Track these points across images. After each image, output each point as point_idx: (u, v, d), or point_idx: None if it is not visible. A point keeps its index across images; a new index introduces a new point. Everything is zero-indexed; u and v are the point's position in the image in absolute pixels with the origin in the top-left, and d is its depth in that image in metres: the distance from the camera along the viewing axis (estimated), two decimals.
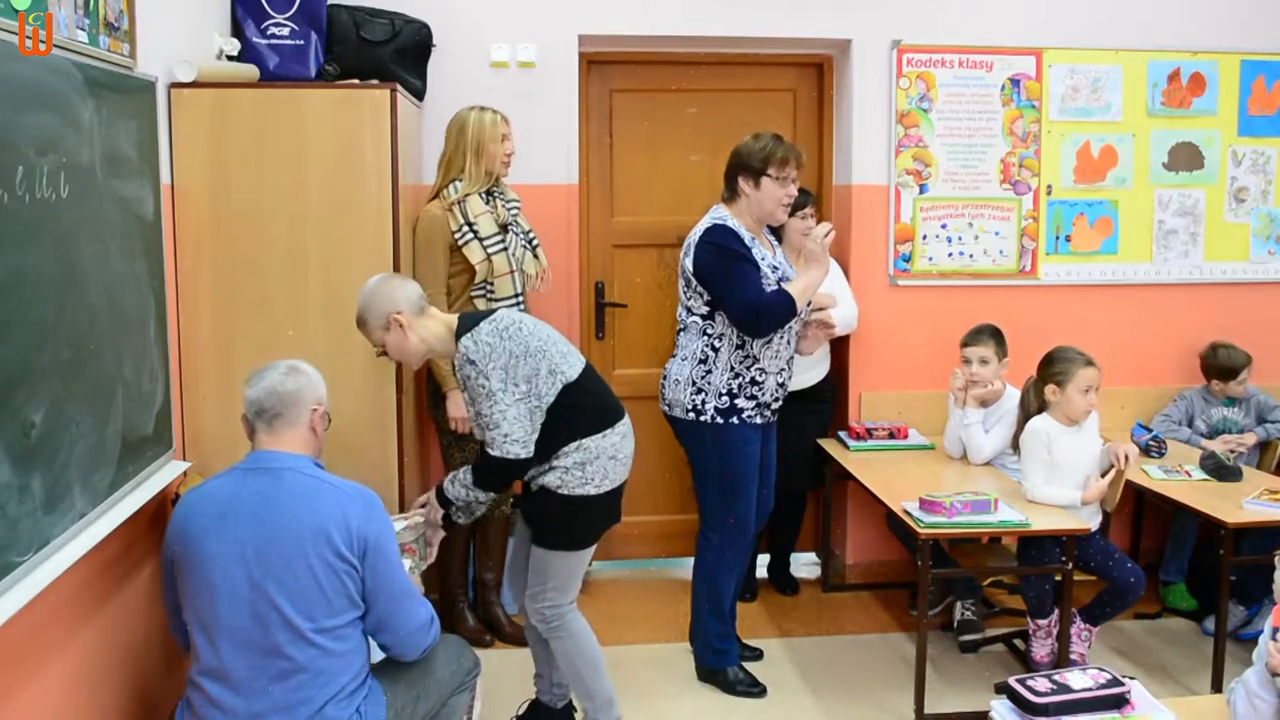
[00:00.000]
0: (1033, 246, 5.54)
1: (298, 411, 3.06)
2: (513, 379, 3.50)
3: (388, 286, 3.57)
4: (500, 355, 3.49)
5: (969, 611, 4.90)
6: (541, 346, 3.57)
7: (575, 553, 3.75)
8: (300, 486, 2.94)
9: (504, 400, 3.48)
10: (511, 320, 3.59)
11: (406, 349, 3.56)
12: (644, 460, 5.49)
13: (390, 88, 4.09)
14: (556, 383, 3.56)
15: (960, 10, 5.39)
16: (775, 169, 4.19)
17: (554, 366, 3.56)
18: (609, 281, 5.60)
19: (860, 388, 5.49)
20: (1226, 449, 5.13)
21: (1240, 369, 5.37)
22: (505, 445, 3.49)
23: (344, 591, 2.88)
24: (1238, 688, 2.66)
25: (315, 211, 3.99)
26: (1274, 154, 5.72)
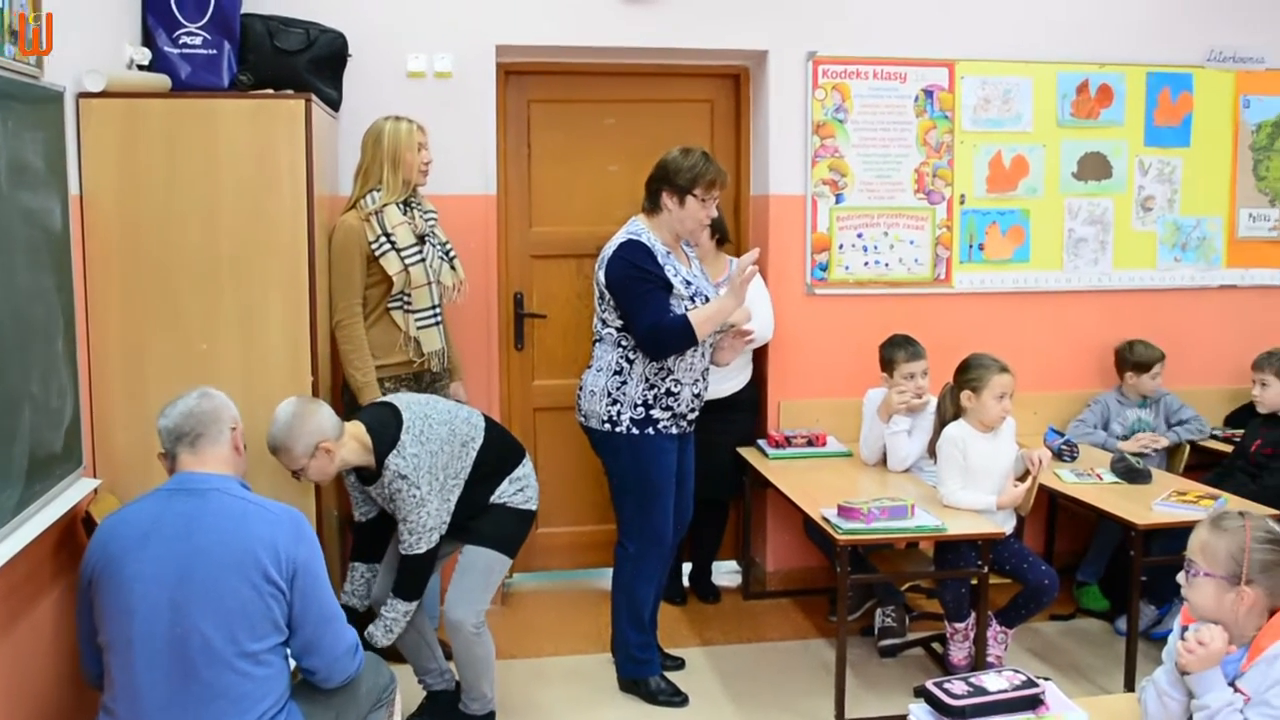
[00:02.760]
0: (947, 255, 5.61)
1: (218, 429, 3.02)
2: (436, 476, 3.71)
3: (310, 414, 3.61)
4: (425, 460, 3.68)
5: (889, 616, 4.95)
6: (450, 430, 3.80)
7: (510, 560, 4.00)
8: (226, 508, 2.89)
9: (430, 501, 3.70)
10: (420, 417, 3.75)
11: (329, 470, 3.65)
12: (561, 471, 5.53)
13: (305, 98, 4.05)
14: (470, 452, 3.85)
15: (874, 22, 5.46)
16: (702, 190, 4.19)
17: (464, 440, 3.84)
18: (528, 292, 5.59)
19: (779, 396, 5.52)
20: (1140, 446, 5.25)
21: (1154, 363, 5.51)
22: (428, 538, 3.73)
23: (269, 615, 2.83)
24: (1148, 686, 2.71)
25: (228, 223, 3.93)
26: (1179, 163, 5.85)
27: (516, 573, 5.71)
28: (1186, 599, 2.64)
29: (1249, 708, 2.47)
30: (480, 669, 4.00)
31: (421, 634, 4.10)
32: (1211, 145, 5.89)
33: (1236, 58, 5.87)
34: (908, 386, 4.92)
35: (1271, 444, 5.09)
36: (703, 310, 4.18)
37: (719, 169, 4.24)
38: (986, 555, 4.24)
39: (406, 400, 3.85)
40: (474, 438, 3.87)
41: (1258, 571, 2.53)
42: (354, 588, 3.99)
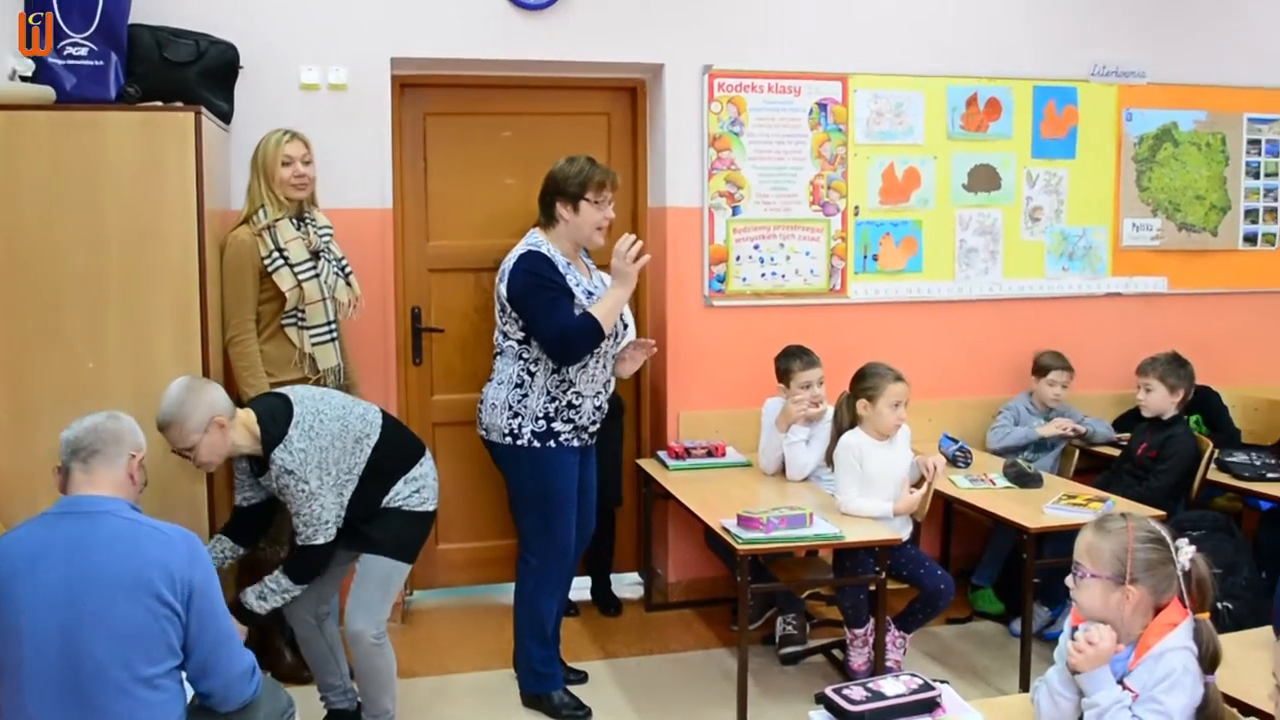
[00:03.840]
0: (842, 266, 5.68)
1: (117, 451, 2.95)
2: (327, 471, 3.66)
3: (205, 388, 3.58)
4: (314, 455, 3.63)
5: (790, 624, 4.99)
6: (343, 426, 3.74)
7: (409, 566, 3.96)
8: (117, 530, 2.82)
9: (322, 495, 3.65)
10: (311, 412, 3.70)
11: (221, 450, 3.59)
12: (462, 485, 5.50)
13: (195, 110, 3.99)
14: (364, 449, 3.78)
15: (769, 36, 5.52)
16: (593, 193, 4.20)
17: (358, 436, 3.78)
18: (425, 307, 5.55)
19: (678, 407, 5.55)
20: (1061, 430, 5.38)
21: (1050, 369, 5.67)
22: (324, 531, 3.69)
23: (164, 639, 2.76)
24: (1041, 686, 2.76)
25: (116, 238, 3.85)
26: (1065, 175, 6.00)
27: (417, 589, 5.66)
28: (1075, 600, 2.70)
29: (1137, 704, 2.53)
30: (382, 682, 3.96)
31: (331, 646, 4.06)
32: (1096, 157, 6.05)
33: (1119, 72, 6.03)
34: (804, 396, 4.97)
35: (1156, 447, 5.23)
36: (601, 303, 4.19)
37: (607, 170, 4.26)
38: (884, 561, 4.30)
39: (301, 393, 3.79)
40: (368, 434, 3.81)
41: (1141, 571, 2.60)
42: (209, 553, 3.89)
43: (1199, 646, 2.57)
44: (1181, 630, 2.58)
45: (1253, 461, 5.20)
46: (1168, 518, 4.57)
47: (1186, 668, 2.54)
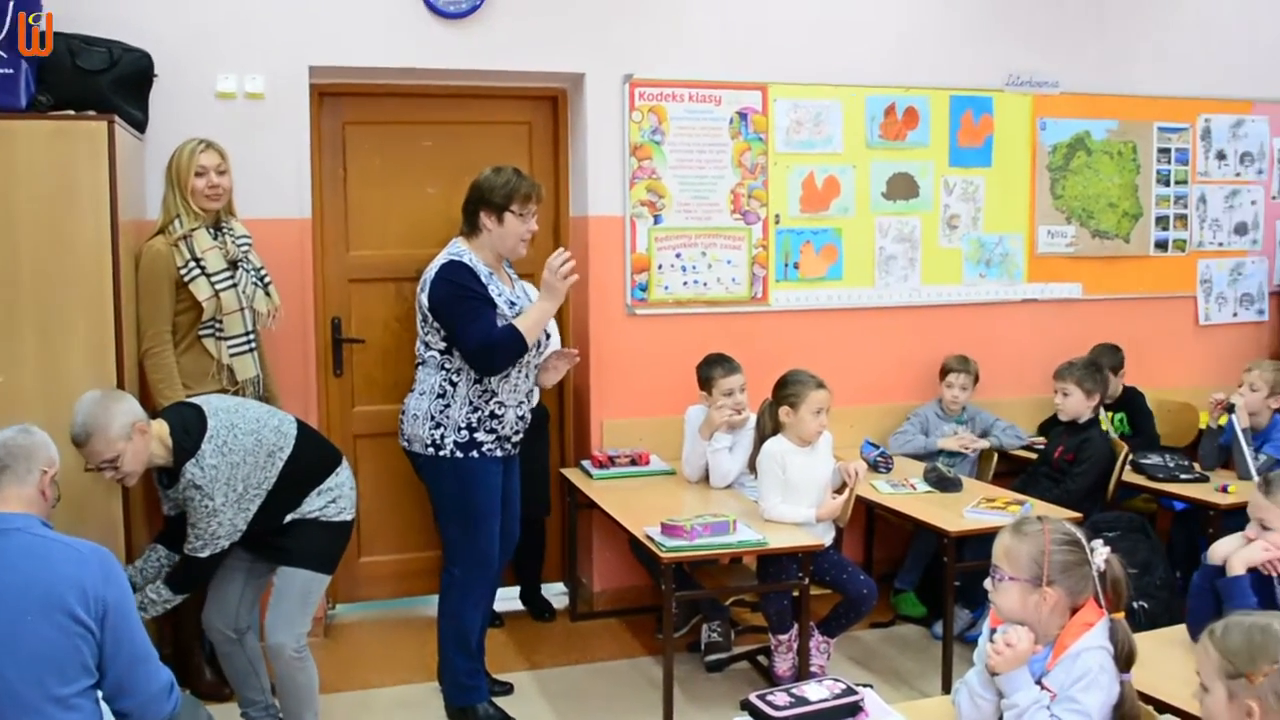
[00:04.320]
0: (763, 274, 5.72)
1: (28, 467, 2.88)
2: (234, 488, 3.62)
3: (120, 397, 3.58)
4: (224, 471, 3.59)
5: (715, 632, 5.00)
6: (257, 440, 3.70)
7: (328, 577, 3.92)
8: (28, 547, 2.76)
9: (223, 512, 3.62)
10: (225, 426, 3.65)
11: (144, 458, 3.56)
12: (385, 497, 5.46)
13: (108, 119, 3.94)
14: (276, 463, 3.74)
15: (689, 46, 5.54)
16: (518, 205, 4.18)
17: (271, 450, 3.73)
18: (346, 317, 5.50)
19: (602, 416, 5.54)
20: (960, 445, 5.44)
21: (949, 371, 5.76)
22: (214, 545, 3.65)
23: (78, 658, 2.70)
24: (961, 688, 2.79)
25: (27, 249, 3.78)
26: (982, 183, 6.09)
27: (340, 603, 5.60)
28: (993, 603, 2.73)
29: (1055, 704, 2.57)
30: (303, 697, 3.91)
31: (251, 661, 4.01)
32: (1011, 166, 6.14)
33: (1033, 82, 6.14)
34: (727, 403, 4.99)
35: (1072, 450, 5.32)
36: (527, 315, 4.17)
37: (533, 183, 4.25)
38: (807, 567, 4.33)
39: (215, 405, 3.74)
40: (282, 447, 3.76)
41: (1058, 573, 2.63)
42: (144, 566, 3.85)
43: (1114, 646, 2.61)
44: (1097, 630, 2.62)
45: (1166, 463, 5.31)
46: (1084, 519, 4.65)
47: (1103, 667, 2.58)
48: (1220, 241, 6.68)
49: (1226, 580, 3.10)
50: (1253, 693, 2.20)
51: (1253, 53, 6.61)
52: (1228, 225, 6.69)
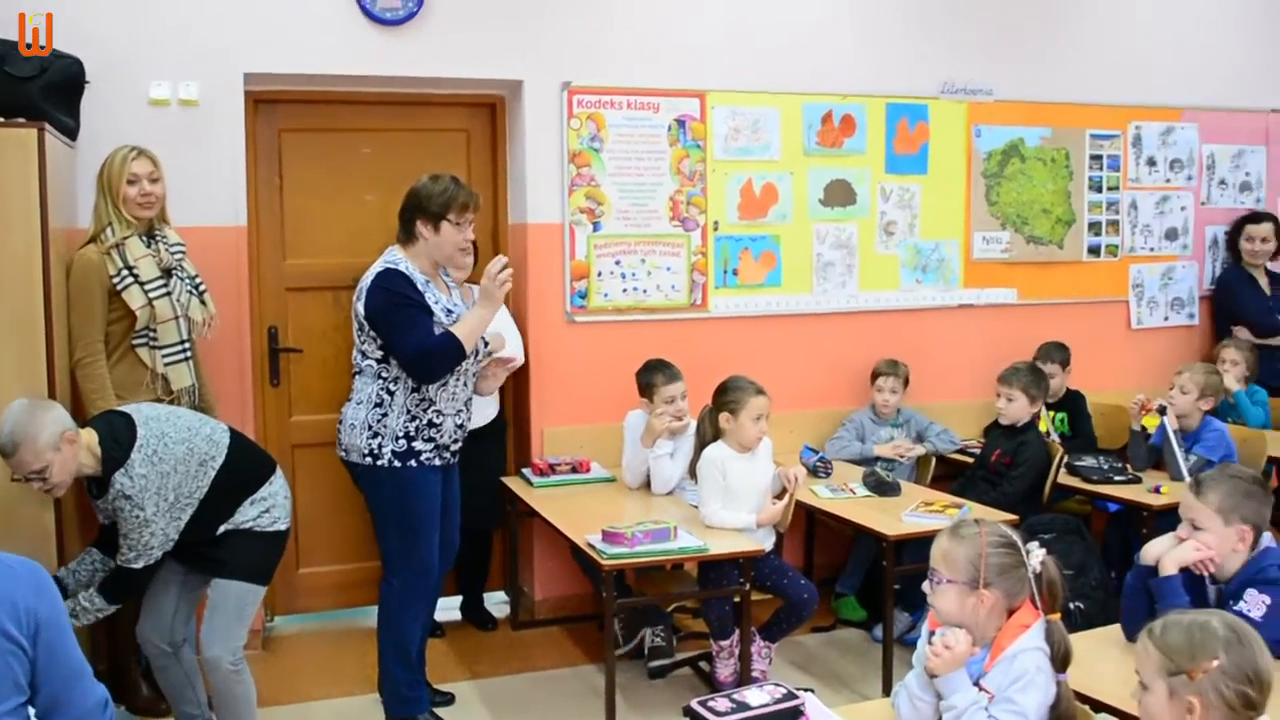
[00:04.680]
0: (703, 281, 5.73)
1: None
2: (165, 497, 3.57)
3: (48, 407, 3.53)
4: (154, 481, 3.54)
5: (659, 637, 5.00)
6: (188, 449, 3.65)
7: (264, 588, 3.88)
8: None
9: (155, 522, 3.57)
10: (156, 435, 3.60)
11: (72, 468, 3.51)
12: (324, 507, 5.41)
13: (38, 126, 3.88)
14: (208, 472, 3.69)
15: (627, 53, 5.55)
16: (455, 214, 4.16)
17: (203, 459, 3.69)
18: (282, 326, 5.44)
19: (542, 423, 5.53)
20: (894, 452, 5.47)
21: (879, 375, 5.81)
22: (147, 556, 3.60)
23: (9, 675, 2.64)
24: (901, 691, 2.81)
25: None
26: (918, 190, 6.14)
27: (278, 615, 5.54)
28: (931, 605, 2.75)
29: (993, 705, 2.59)
30: (241, 711, 3.87)
31: (188, 674, 3.96)
32: (947, 172, 6.21)
33: (967, 90, 6.20)
34: (668, 410, 5.00)
35: (1009, 453, 5.37)
36: (464, 323, 4.14)
37: (470, 192, 4.22)
38: (748, 573, 4.34)
39: (146, 414, 3.68)
40: (214, 456, 3.72)
41: (995, 575, 2.66)
42: (77, 568, 3.79)
43: (1051, 646, 2.64)
44: (1034, 631, 2.65)
45: (1100, 465, 5.37)
46: (1020, 522, 4.70)
47: (1039, 667, 2.61)
48: (1151, 247, 6.79)
49: (1159, 580, 3.14)
50: (1193, 689, 2.24)
51: (1182, 61, 6.74)
52: (1159, 231, 6.80)
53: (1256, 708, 2.24)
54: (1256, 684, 2.23)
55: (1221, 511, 3.14)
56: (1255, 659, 2.25)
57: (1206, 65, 6.81)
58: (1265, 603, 3.03)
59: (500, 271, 4.11)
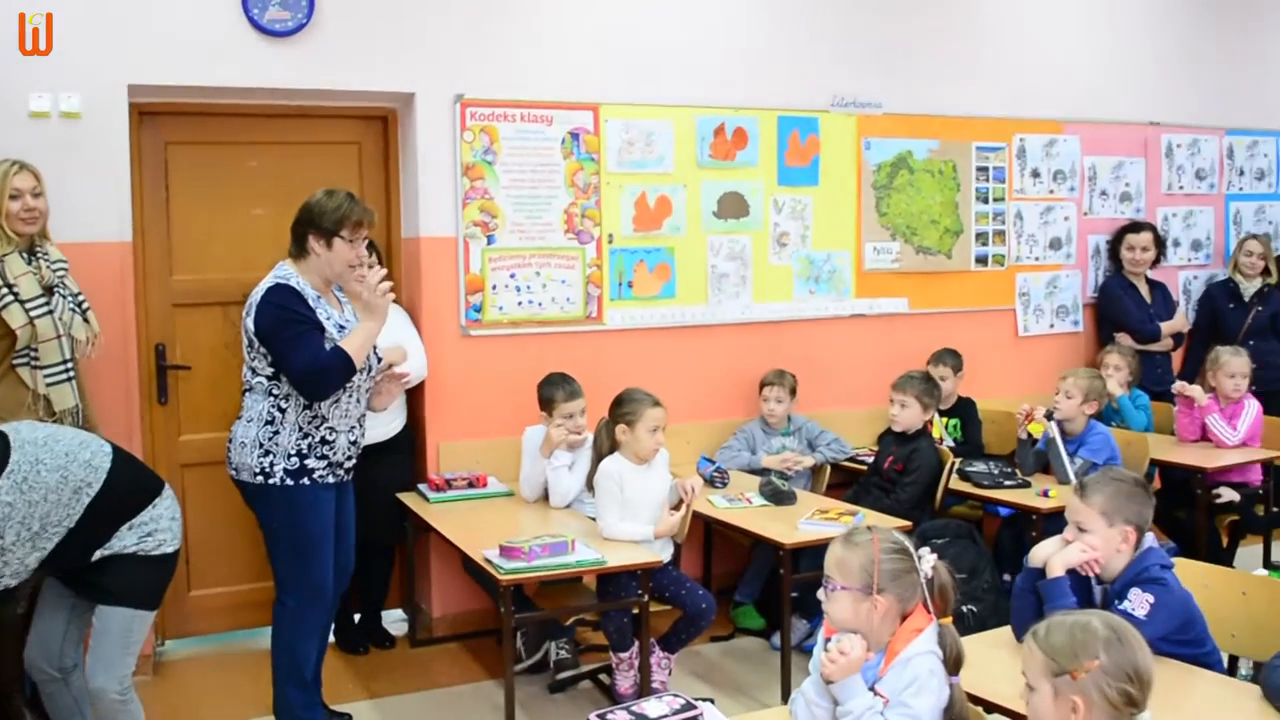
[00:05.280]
0: (598, 293, 5.74)
1: None
2: (29, 526, 3.37)
3: None
4: (19, 510, 3.33)
5: (563, 649, 4.99)
6: (62, 477, 3.42)
7: (152, 613, 3.72)
8: None
9: (13, 551, 3.37)
10: (30, 461, 3.38)
11: None
12: (215, 528, 5.31)
13: None
14: (82, 500, 3.46)
15: (520, 66, 5.53)
16: (349, 231, 4.11)
17: (77, 486, 3.46)
18: (170, 343, 5.33)
19: (438, 438, 5.48)
20: (783, 465, 5.52)
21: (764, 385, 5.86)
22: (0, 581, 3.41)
23: None
24: (798, 698, 2.83)
25: None
26: (810, 201, 6.22)
27: (169, 639, 5.42)
28: (826, 612, 2.78)
29: (888, 709, 2.63)
30: None
31: (77, 700, 3.83)
32: (838, 184, 6.29)
33: (857, 103, 6.30)
34: (566, 424, 5.00)
35: (902, 460, 5.45)
36: (353, 337, 4.09)
37: (365, 209, 4.18)
38: (646, 584, 4.35)
39: (24, 436, 3.47)
40: (90, 483, 3.49)
41: (888, 581, 2.70)
42: None
43: (943, 650, 2.69)
44: (926, 635, 2.69)
45: (991, 470, 5.48)
46: (914, 528, 4.79)
47: (932, 671, 2.65)
48: (1037, 256, 6.96)
49: (1047, 582, 3.21)
50: (1077, 689, 2.29)
51: (1064, 76, 6.93)
52: (1043, 240, 6.97)
53: (1138, 705, 2.30)
54: (1137, 682, 2.29)
55: (1105, 514, 3.22)
56: (1135, 657, 2.31)
57: (1087, 80, 7.02)
58: (1149, 601, 3.11)
59: (378, 282, 4.07)
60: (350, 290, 4.41)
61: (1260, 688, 2.88)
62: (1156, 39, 7.29)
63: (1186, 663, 3.11)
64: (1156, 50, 7.28)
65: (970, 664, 2.74)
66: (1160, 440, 6.05)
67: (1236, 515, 5.81)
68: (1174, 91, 7.36)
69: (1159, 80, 7.31)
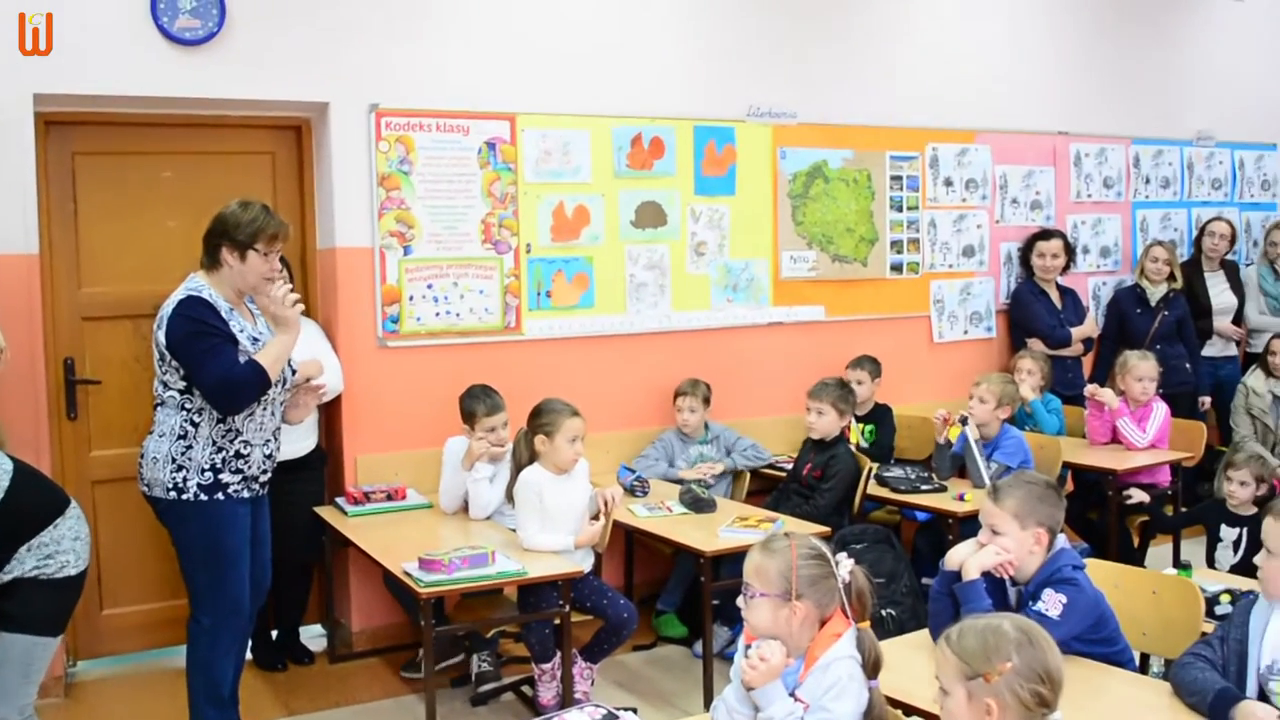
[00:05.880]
0: (516, 303, 5.72)
1: None
2: None
3: None
4: None
5: (485, 662, 4.96)
6: None
7: (56, 639, 3.57)
8: None
9: None
10: None
11: None
12: (128, 545, 5.22)
13: None
14: None
15: (436, 76, 5.50)
16: (264, 244, 4.06)
17: None
18: (79, 357, 5.22)
19: (355, 451, 5.43)
20: (700, 475, 5.54)
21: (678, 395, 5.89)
22: None
23: None
24: (719, 705, 2.85)
25: None
26: (726, 210, 6.25)
27: (81, 660, 5.30)
28: (746, 619, 2.80)
29: (808, 714, 2.65)
30: None
31: None
32: (754, 193, 6.34)
33: (772, 113, 6.35)
34: (488, 436, 4.98)
35: (820, 467, 5.49)
36: (267, 350, 4.05)
37: (280, 222, 4.13)
38: (567, 594, 4.34)
39: None
40: None
41: (806, 586, 2.72)
42: None
43: (862, 654, 2.71)
44: (845, 640, 2.72)
45: (908, 475, 5.54)
46: (832, 533, 4.83)
47: (852, 675, 2.68)
48: (950, 263, 7.06)
49: (962, 585, 3.25)
50: (990, 691, 2.32)
51: (975, 87, 7.05)
52: (956, 248, 7.07)
53: (1050, 705, 2.34)
54: (1048, 683, 2.33)
55: (1018, 516, 3.27)
56: (1046, 659, 2.35)
57: (997, 90, 7.14)
58: (1061, 602, 3.16)
59: (285, 294, 4.04)
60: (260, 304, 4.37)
61: (1170, 685, 2.95)
62: (1063, 51, 7.44)
63: (1099, 661, 3.17)
64: (1063, 62, 7.43)
65: (889, 667, 2.77)
66: (1072, 443, 6.17)
67: (1147, 516, 5.93)
68: (1081, 102, 7.52)
69: (1066, 91, 7.46)
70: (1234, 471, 5.10)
